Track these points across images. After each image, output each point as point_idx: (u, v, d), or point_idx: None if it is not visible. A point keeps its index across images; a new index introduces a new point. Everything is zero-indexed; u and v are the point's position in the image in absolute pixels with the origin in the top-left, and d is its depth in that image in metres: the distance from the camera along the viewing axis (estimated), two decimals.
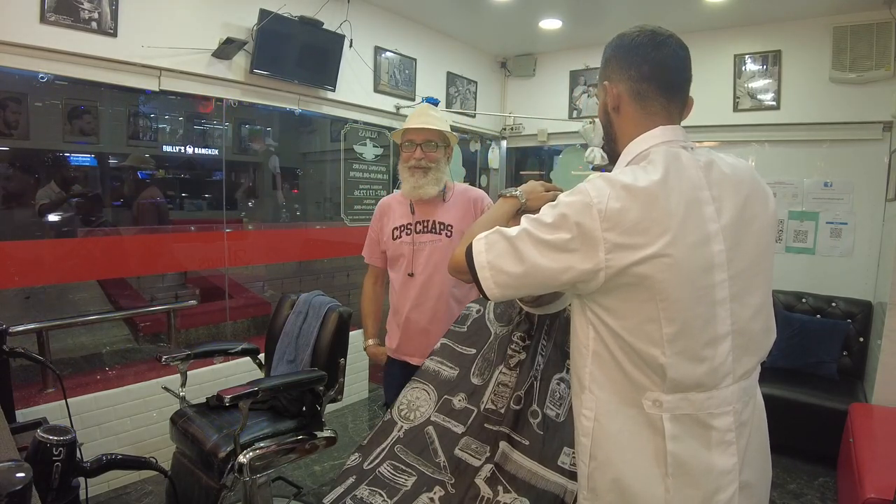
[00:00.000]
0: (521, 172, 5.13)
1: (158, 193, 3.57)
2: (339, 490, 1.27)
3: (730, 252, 0.91)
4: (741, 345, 0.93)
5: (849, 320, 3.37)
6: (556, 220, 0.90)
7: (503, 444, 1.24)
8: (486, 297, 0.98)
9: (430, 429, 1.34)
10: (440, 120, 1.93)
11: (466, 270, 0.98)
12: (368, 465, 1.31)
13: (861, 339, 3.33)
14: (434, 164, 1.88)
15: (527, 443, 1.24)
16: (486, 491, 1.18)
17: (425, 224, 1.94)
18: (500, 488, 1.18)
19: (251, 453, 1.85)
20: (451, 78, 4.48)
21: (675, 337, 0.87)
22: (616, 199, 0.86)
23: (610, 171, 0.97)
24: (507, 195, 1.19)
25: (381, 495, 1.21)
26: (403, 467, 1.28)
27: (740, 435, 0.93)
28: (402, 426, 1.37)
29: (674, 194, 0.87)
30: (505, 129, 5.01)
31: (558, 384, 1.29)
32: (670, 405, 0.90)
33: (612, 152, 1.05)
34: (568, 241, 0.88)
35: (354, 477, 1.30)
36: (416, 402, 1.41)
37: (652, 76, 0.97)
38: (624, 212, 0.85)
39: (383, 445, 1.34)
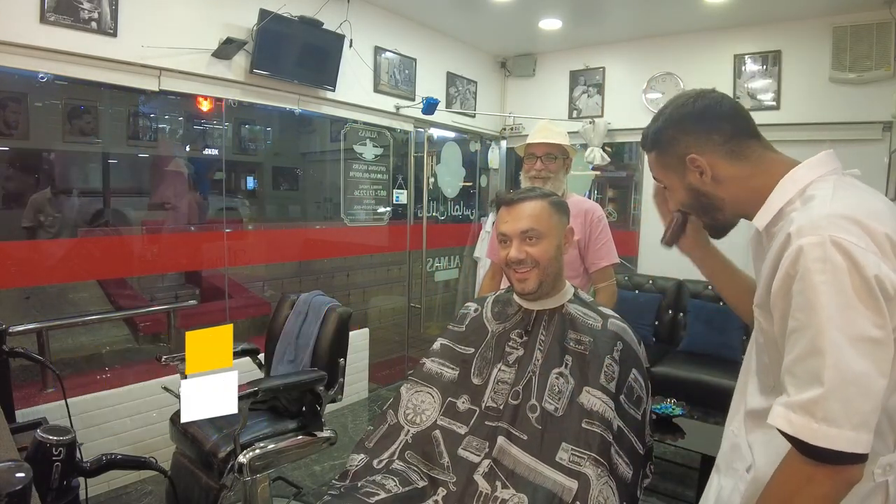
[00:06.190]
0: (521, 172, 5.12)
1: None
2: (346, 484, 1.28)
3: None
4: None
5: None
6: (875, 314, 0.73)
7: (501, 439, 1.24)
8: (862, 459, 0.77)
9: (437, 433, 1.33)
10: (560, 134, 2.11)
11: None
12: (378, 464, 1.32)
13: None
14: (553, 175, 2.07)
15: (525, 437, 1.23)
16: (484, 486, 1.18)
17: None
18: (498, 483, 1.18)
19: (251, 453, 1.85)
20: (451, 78, 4.48)
21: None
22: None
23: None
24: None
25: (393, 481, 1.23)
26: (413, 467, 1.29)
27: None
28: (409, 430, 1.37)
29: None
30: (505, 129, 5.01)
31: (557, 378, 1.28)
32: None
33: (722, 221, 0.99)
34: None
35: (363, 466, 1.32)
36: (422, 405, 1.41)
37: (735, 130, 0.93)
38: None
39: (391, 450, 1.34)
